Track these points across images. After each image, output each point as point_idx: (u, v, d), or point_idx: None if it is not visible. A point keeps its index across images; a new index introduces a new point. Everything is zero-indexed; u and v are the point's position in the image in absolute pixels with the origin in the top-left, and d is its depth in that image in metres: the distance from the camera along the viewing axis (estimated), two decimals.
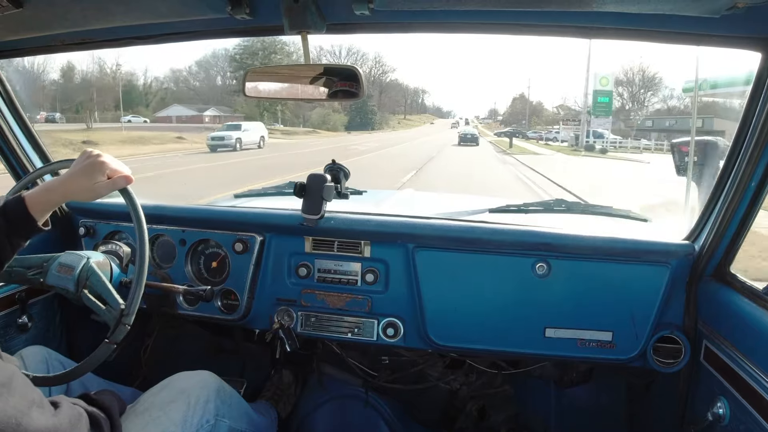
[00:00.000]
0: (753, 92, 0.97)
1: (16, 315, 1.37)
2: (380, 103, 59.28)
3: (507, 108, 63.65)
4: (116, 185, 0.98)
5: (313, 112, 40.75)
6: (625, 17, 0.90)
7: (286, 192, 1.69)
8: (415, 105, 77.73)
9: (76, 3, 0.96)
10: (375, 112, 48.34)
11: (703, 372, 1.13)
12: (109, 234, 1.46)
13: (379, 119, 51.58)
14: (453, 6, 0.91)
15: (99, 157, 0.96)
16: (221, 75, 42.87)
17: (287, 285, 1.34)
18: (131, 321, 0.99)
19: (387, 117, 56.34)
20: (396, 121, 60.36)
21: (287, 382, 1.60)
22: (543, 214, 1.50)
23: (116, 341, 0.97)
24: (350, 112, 45.76)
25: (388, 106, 61.86)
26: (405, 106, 70.76)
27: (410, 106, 74.94)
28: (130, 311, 0.99)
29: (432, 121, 70.19)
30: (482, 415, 1.62)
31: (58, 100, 31.20)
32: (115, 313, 0.99)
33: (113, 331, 0.98)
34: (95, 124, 25.72)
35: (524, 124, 50.07)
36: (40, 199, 0.93)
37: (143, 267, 1.01)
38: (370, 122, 48.33)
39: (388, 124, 55.42)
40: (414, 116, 72.27)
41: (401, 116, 67.23)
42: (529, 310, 1.22)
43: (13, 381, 0.65)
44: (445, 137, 33.22)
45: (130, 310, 0.98)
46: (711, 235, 1.10)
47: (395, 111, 66.48)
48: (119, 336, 0.98)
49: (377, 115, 50.07)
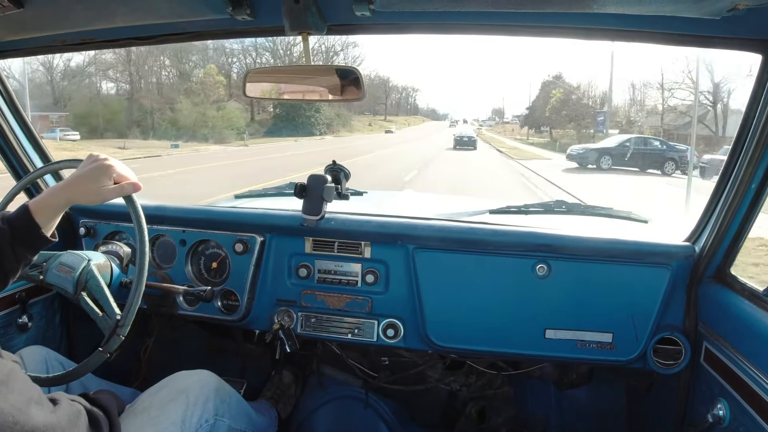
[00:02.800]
0: (753, 94, 0.97)
1: (16, 315, 1.37)
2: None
3: (535, 97, 42.90)
4: (123, 191, 0.95)
5: (186, 112, 28.03)
6: (626, 19, 0.90)
7: (286, 193, 1.69)
8: (404, 105, 69.52)
9: (76, 3, 0.96)
10: (319, 110, 34.21)
11: (703, 374, 1.12)
12: (110, 234, 1.46)
13: (327, 120, 37.96)
14: (453, 7, 0.91)
15: (106, 160, 0.94)
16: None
17: (287, 286, 1.34)
18: (126, 333, 0.97)
19: (347, 117, 43.51)
20: (367, 122, 49.58)
21: (287, 382, 1.60)
22: (543, 215, 1.50)
23: (110, 351, 0.96)
24: (275, 108, 34.30)
25: (364, 105, 50.53)
26: (386, 105, 59.61)
27: (398, 106, 67.00)
28: (126, 323, 0.97)
29: (409, 124, 59.56)
30: (482, 416, 1.62)
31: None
32: (111, 322, 0.98)
33: (107, 340, 0.96)
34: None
35: (588, 125, 29.81)
36: (43, 204, 0.90)
37: (141, 279, 0.99)
38: (309, 125, 34.99)
39: (350, 126, 44.00)
40: (400, 117, 63.06)
41: (381, 117, 56.89)
42: (529, 311, 1.22)
43: (11, 378, 0.64)
44: (434, 145, 26.25)
45: (125, 322, 0.97)
46: (711, 237, 1.10)
47: (376, 111, 56.51)
48: (113, 346, 0.96)
49: (321, 113, 35.64)
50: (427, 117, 75.87)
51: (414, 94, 73.55)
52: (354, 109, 46.43)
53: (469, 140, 25.15)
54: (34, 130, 1.43)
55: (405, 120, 62.09)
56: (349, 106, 39.77)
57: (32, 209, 0.89)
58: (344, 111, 39.08)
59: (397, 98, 67.03)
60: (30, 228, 0.89)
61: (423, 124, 63.02)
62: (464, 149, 23.60)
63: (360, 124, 47.75)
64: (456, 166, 15.83)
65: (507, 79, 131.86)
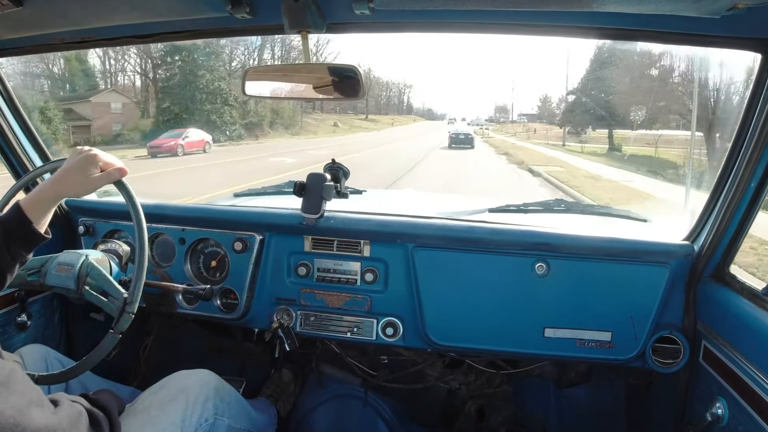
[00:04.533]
0: (753, 93, 0.97)
1: (15, 313, 1.37)
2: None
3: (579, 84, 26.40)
4: (111, 177, 0.98)
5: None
6: (625, 17, 0.90)
7: (285, 191, 1.69)
8: (394, 103, 61.70)
9: (76, 1, 0.96)
10: (229, 102, 22.90)
11: (702, 372, 1.13)
12: (109, 233, 1.46)
13: (257, 118, 25.31)
14: (453, 6, 0.91)
15: (90, 151, 0.97)
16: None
17: (286, 284, 1.34)
18: (135, 309, 0.99)
19: (294, 114, 28.75)
20: (332, 122, 36.32)
21: (287, 380, 1.61)
22: (542, 214, 1.50)
23: (121, 330, 0.97)
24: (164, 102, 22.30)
25: (346, 104, 34.59)
26: (367, 102, 45.95)
27: (387, 105, 58.15)
28: (134, 299, 0.99)
29: (394, 123, 49.84)
30: (481, 414, 1.62)
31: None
32: (119, 302, 1.00)
33: (118, 320, 0.98)
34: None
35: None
36: (34, 200, 0.92)
37: (143, 257, 1.01)
38: (211, 123, 20.89)
39: (300, 126, 29.81)
40: (383, 116, 52.49)
41: (362, 116, 45.59)
42: (528, 309, 1.22)
43: (11, 379, 0.64)
44: (416, 149, 19.58)
45: (133, 298, 0.99)
46: (710, 236, 1.11)
47: (357, 109, 45.21)
48: (124, 325, 0.98)
49: (234, 107, 23.30)
50: (423, 117, 69.41)
51: (406, 90, 65.78)
52: (330, 108, 36.28)
53: (466, 138, 22.47)
54: (33, 130, 1.43)
55: (390, 119, 52.66)
56: (323, 105, 32.63)
57: (24, 206, 0.91)
58: (288, 106, 25.46)
59: (385, 96, 60.11)
60: (23, 225, 0.90)
61: (413, 124, 54.16)
62: (461, 148, 20.67)
63: (316, 124, 34.35)
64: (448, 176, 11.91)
65: (515, 76, 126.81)
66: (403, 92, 64.96)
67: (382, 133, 37.09)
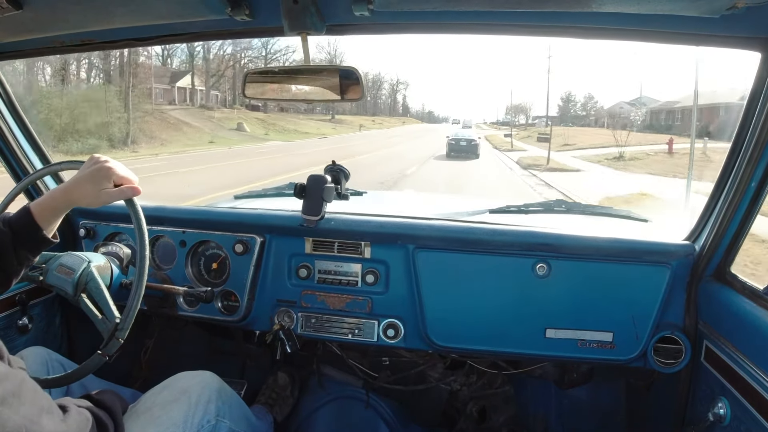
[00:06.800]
0: (753, 92, 0.97)
1: (16, 316, 1.37)
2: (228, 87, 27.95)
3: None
4: (123, 195, 0.95)
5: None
6: (624, 17, 0.90)
7: (286, 193, 1.69)
8: (387, 104, 56.28)
9: (75, 4, 0.96)
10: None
11: (703, 372, 1.12)
12: (110, 235, 1.46)
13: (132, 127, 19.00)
14: (452, 6, 0.91)
15: (106, 162, 0.94)
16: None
17: (287, 286, 1.34)
18: (124, 336, 0.97)
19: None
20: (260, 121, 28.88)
21: (282, 384, 1.59)
22: (543, 214, 1.50)
23: (108, 354, 0.96)
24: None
25: (326, 106, 29.51)
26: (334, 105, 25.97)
27: (374, 105, 52.55)
28: (125, 326, 0.97)
29: (381, 125, 44.40)
30: (482, 415, 1.62)
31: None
32: (110, 325, 0.98)
33: (106, 343, 0.97)
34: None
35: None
36: (45, 206, 0.91)
37: (141, 282, 0.99)
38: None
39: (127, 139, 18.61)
40: (356, 117, 44.31)
41: (329, 118, 38.54)
42: (529, 310, 1.22)
43: (22, 388, 0.63)
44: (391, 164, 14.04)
45: (124, 325, 0.97)
46: (711, 236, 1.10)
47: (339, 110, 39.20)
48: (112, 349, 0.96)
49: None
50: (421, 120, 65.01)
51: (400, 88, 59.18)
52: (306, 110, 32.05)
53: (468, 144, 19.74)
54: (33, 132, 1.43)
55: (373, 120, 47.25)
56: (297, 108, 31.76)
57: (34, 211, 0.90)
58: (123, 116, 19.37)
59: (374, 94, 54.30)
60: (32, 230, 0.90)
61: (403, 127, 48.87)
62: (461, 157, 17.99)
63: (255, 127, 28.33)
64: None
65: (523, 76, 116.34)
66: (396, 90, 58.79)
67: (339, 137, 28.67)
